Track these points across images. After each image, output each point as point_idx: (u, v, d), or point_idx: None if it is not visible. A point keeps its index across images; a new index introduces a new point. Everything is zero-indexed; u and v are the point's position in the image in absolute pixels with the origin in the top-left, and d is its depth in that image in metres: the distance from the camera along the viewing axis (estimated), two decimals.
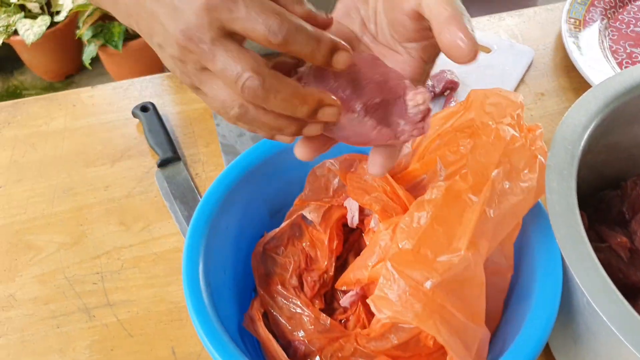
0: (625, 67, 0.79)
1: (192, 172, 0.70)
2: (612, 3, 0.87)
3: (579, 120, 0.50)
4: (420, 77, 0.41)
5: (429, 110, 0.38)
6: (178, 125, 0.76)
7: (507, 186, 0.44)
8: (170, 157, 0.70)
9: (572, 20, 0.83)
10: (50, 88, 2.12)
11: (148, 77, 0.82)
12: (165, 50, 0.35)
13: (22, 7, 1.91)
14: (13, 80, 2.14)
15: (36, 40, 1.83)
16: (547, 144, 0.47)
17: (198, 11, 0.31)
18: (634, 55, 0.81)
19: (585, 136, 0.50)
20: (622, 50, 0.82)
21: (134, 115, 0.74)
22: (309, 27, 0.33)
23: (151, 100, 0.77)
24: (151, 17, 0.34)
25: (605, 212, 0.60)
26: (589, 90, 0.52)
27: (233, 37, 0.33)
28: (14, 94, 2.11)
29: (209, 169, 0.71)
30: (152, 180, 0.69)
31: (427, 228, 0.42)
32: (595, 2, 0.87)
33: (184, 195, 0.67)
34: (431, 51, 0.39)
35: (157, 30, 0.34)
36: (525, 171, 0.46)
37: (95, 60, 1.95)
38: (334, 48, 0.34)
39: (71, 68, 2.11)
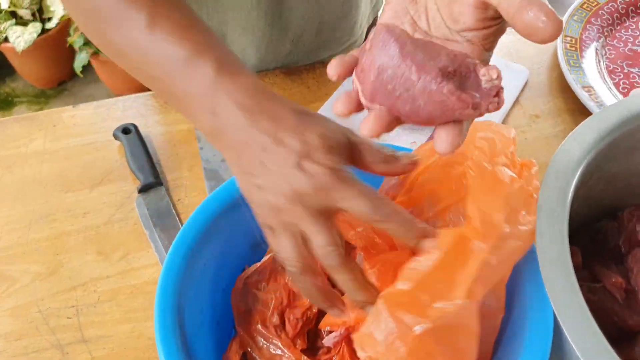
0: (623, 89, 0.77)
1: (174, 197, 0.68)
2: (609, 20, 0.85)
3: (573, 154, 0.48)
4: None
5: (502, 87, 0.38)
6: (161, 147, 0.73)
7: (508, 230, 0.42)
8: (152, 183, 0.68)
9: (568, 38, 0.81)
10: (42, 95, 2.10)
11: (132, 96, 0.80)
12: (264, 193, 0.40)
13: (13, 14, 1.89)
14: (5, 87, 2.12)
15: (27, 47, 1.81)
16: (541, 170, 0.45)
17: (318, 185, 0.38)
18: (631, 76, 0.79)
19: (580, 171, 0.48)
20: (620, 70, 0.80)
21: (115, 137, 0.72)
22: (404, 213, 0.39)
23: (134, 121, 0.75)
24: (262, 165, 0.40)
25: (602, 243, 0.57)
26: (583, 122, 0.49)
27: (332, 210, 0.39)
28: (6, 101, 2.08)
29: (192, 195, 0.68)
30: (132, 207, 0.67)
31: (429, 271, 0.40)
32: (592, 20, 0.84)
33: (164, 223, 0.65)
34: (492, 39, 0.39)
35: (267, 177, 0.40)
36: (524, 213, 0.44)
37: (89, 67, 1.93)
38: (424, 235, 0.39)
39: (63, 75, 2.09)
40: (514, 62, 0.82)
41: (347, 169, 0.40)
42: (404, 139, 0.71)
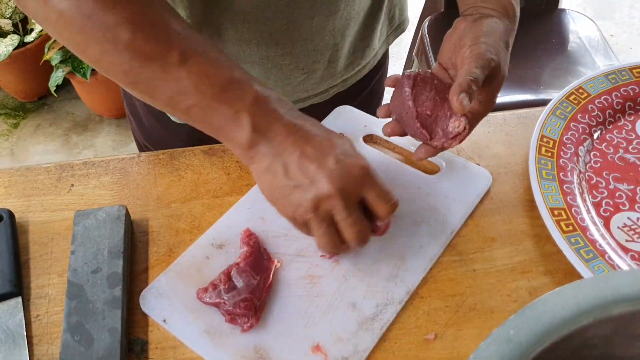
0: (604, 212, 0.63)
1: (32, 312, 0.56)
2: (599, 118, 0.71)
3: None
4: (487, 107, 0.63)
5: (463, 135, 0.59)
6: (36, 240, 0.61)
7: None
8: (8, 292, 0.56)
9: (545, 140, 0.67)
10: (21, 108, 2.01)
11: (22, 169, 0.68)
12: (301, 192, 0.49)
13: None
14: None
15: (1, 60, 1.72)
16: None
17: (356, 180, 0.50)
18: (617, 194, 0.64)
19: None
20: (604, 185, 0.65)
21: None
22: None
23: (15, 201, 0.63)
24: (302, 168, 0.50)
25: None
26: (503, 325, 0.36)
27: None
28: None
29: (54, 311, 0.56)
30: None
31: None
32: (579, 117, 0.70)
33: (8, 350, 0.52)
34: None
35: (303, 178, 0.49)
36: None
37: (69, 83, 1.83)
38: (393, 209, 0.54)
39: (43, 90, 1.99)
40: (477, 160, 0.69)
41: (373, 169, 0.52)
42: None
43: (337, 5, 0.68)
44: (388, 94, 0.73)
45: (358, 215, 0.51)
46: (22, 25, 1.85)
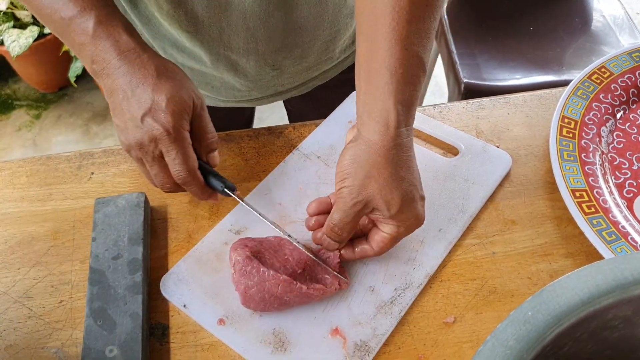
0: (627, 193, 0.61)
1: (56, 298, 0.57)
2: (623, 97, 0.69)
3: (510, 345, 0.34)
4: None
5: (343, 268, 0.56)
6: (58, 228, 0.62)
7: None
8: None
9: (567, 121, 0.66)
10: (42, 100, 2.04)
11: (43, 158, 0.69)
12: (120, 132, 0.55)
13: (14, 15, 1.82)
14: (6, 89, 2.06)
15: (22, 52, 1.74)
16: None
17: (149, 137, 0.53)
18: None
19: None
20: (627, 166, 0.64)
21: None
22: (198, 180, 0.57)
23: (37, 189, 0.64)
24: (121, 110, 0.54)
25: None
26: (521, 307, 0.35)
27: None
28: (5, 103, 2.03)
29: (77, 296, 0.57)
30: None
31: None
32: (601, 96, 0.69)
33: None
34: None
35: (122, 120, 0.54)
36: None
37: (87, 73, 1.85)
38: (206, 198, 0.59)
39: (63, 80, 2.02)
40: (496, 143, 0.68)
41: (181, 132, 0.54)
42: None
43: None
44: None
45: (158, 168, 0.55)
46: None
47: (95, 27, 0.52)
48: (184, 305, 0.54)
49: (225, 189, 0.58)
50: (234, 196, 0.58)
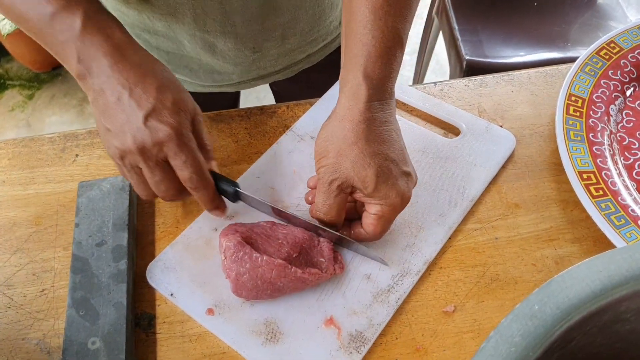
0: (637, 175, 0.58)
1: (38, 287, 0.54)
2: (632, 74, 0.66)
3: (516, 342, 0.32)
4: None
5: (339, 253, 0.53)
6: (40, 212, 0.59)
7: None
8: None
9: (574, 99, 0.63)
10: (35, 79, 2.00)
11: (26, 140, 0.66)
12: (111, 137, 0.49)
13: None
14: None
15: (12, 31, 1.70)
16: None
17: (156, 139, 0.47)
18: None
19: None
20: (637, 146, 0.61)
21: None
22: (209, 189, 0.52)
23: (19, 172, 0.61)
24: (114, 112, 0.48)
25: None
26: (527, 300, 0.33)
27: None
28: None
29: (60, 285, 0.54)
30: None
31: None
32: (610, 73, 0.65)
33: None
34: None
35: (115, 124, 0.48)
36: None
37: None
38: (215, 208, 0.54)
39: (56, 60, 1.97)
40: (500, 122, 0.64)
41: (188, 134, 0.49)
42: None
43: None
44: None
45: (162, 174, 0.50)
46: None
47: (84, 23, 0.47)
48: (171, 294, 0.52)
49: (238, 189, 0.54)
50: (246, 194, 0.54)
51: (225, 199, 0.55)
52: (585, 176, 0.56)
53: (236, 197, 0.54)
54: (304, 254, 0.52)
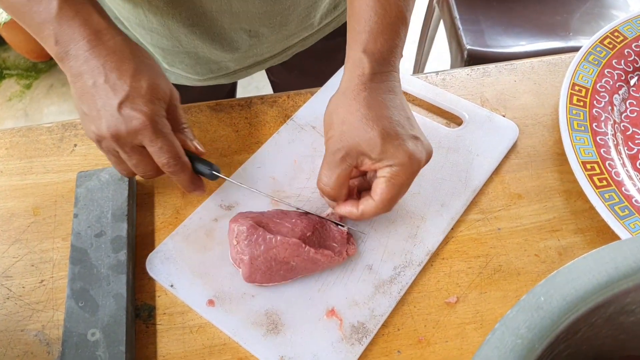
0: None
1: (37, 277, 0.54)
2: (636, 63, 0.65)
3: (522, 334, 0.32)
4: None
5: (350, 235, 0.53)
6: (39, 203, 0.59)
7: None
8: None
9: (577, 88, 0.62)
10: (33, 69, 1.98)
11: (24, 129, 0.65)
12: (88, 121, 0.49)
13: None
14: None
15: (9, 19, 1.68)
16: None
17: (130, 128, 0.48)
18: None
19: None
20: None
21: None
22: (187, 172, 0.53)
23: (17, 162, 0.60)
24: (90, 96, 0.48)
25: None
26: (533, 291, 0.32)
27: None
28: None
29: (59, 276, 0.54)
30: None
31: None
32: (614, 62, 0.65)
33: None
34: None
35: (92, 108, 0.48)
36: None
37: None
38: (193, 189, 0.55)
39: None
40: (502, 112, 0.64)
41: (163, 120, 0.50)
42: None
43: None
44: None
45: (139, 157, 0.50)
46: None
47: (61, 4, 0.46)
48: (172, 285, 0.51)
49: (214, 172, 0.54)
50: (223, 176, 0.55)
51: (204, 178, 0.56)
52: (588, 166, 0.56)
53: (214, 176, 0.55)
54: (317, 235, 0.51)
